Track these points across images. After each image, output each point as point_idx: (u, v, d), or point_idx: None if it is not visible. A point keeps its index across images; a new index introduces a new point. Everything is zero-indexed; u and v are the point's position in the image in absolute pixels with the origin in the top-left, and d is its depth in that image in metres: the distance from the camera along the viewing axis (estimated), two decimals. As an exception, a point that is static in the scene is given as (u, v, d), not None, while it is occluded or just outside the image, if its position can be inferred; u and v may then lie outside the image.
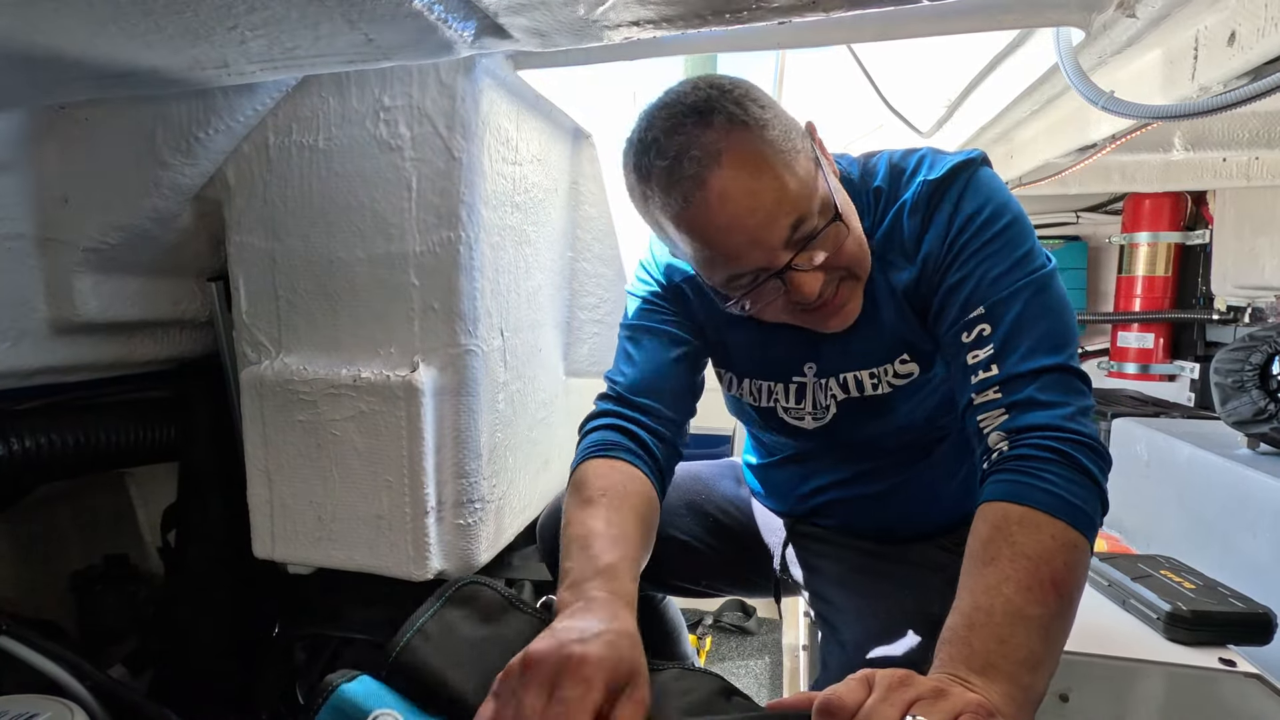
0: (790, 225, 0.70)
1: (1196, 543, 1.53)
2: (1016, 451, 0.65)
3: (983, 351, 0.70)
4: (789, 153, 0.70)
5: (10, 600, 1.31)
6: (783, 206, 0.69)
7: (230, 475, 1.21)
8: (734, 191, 0.68)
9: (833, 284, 0.76)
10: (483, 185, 1.01)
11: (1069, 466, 0.63)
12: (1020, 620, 0.56)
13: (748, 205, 0.68)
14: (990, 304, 0.72)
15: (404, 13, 0.68)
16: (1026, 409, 0.67)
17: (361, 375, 1.04)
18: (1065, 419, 0.66)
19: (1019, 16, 0.87)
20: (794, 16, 0.71)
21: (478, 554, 1.09)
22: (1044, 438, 0.65)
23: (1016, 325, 0.70)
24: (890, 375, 0.85)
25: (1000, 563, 0.59)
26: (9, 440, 1.07)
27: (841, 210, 0.73)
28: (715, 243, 0.71)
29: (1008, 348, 0.69)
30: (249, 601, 1.30)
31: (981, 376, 0.70)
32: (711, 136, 0.68)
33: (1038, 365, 0.68)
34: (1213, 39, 0.84)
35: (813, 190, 0.71)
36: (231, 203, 1.09)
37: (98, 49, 0.74)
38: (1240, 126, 1.43)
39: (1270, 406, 1.43)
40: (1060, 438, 0.64)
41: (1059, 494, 0.62)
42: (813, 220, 0.71)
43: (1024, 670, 0.55)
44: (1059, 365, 0.68)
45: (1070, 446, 0.64)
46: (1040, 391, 0.67)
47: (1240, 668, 1.00)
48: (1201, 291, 2.58)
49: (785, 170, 0.69)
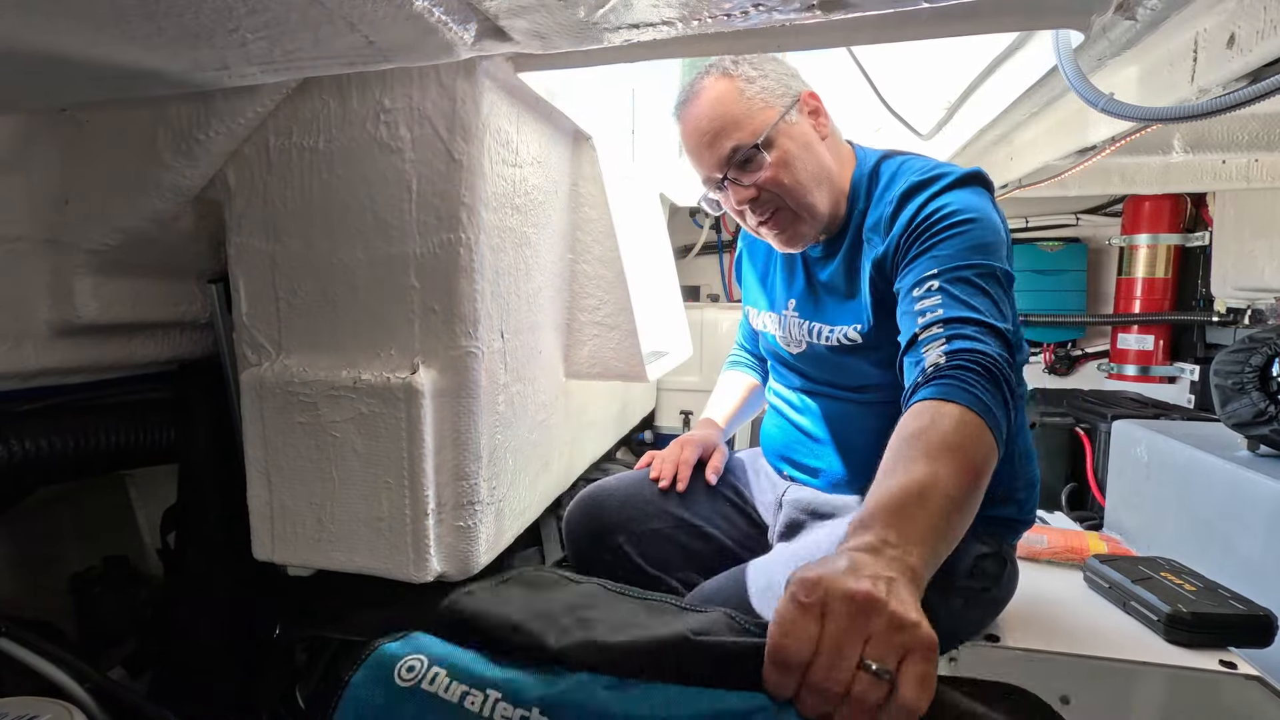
0: (731, 149, 0.99)
1: (1197, 545, 1.53)
2: (953, 364, 0.77)
3: (930, 300, 0.84)
4: (753, 99, 0.98)
5: (10, 602, 1.30)
6: (726, 133, 0.98)
7: (230, 477, 1.21)
8: (696, 116, 1.01)
9: (768, 208, 1.02)
10: (483, 187, 1.01)
11: (993, 385, 0.75)
12: (949, 500, 0.65)
13: (702, 127, 1.00)
14: (943, 271, 0.86)
15: (405, 15, 0.68)
16: (964, 340, 0.79)
17: (361, 377, 1.04)
18: (995, 351, 0.79)
19: (1018, 19, 0.87)
20: (793, 18, 0.71)
21: (477, 556, 1.09)
22: (976, 359, 0.77)
23: (965, 291, 0.84)
24: (841, 336, 1.05)
25: (932, 449, 0.69)
26: (9, 442, 1.07)
27: (784, 158, 0.98)
28: (688, 150, 1.04)
29: (954, 303, 0.83)
30: (249, 603, 1.30)
31: (928, 318, 0.83)
32: (705, 82, 1.01)
33: (978, 319, 0.81)
34: (1212, 41, 0.85)
35: (754, 130, 0.98)
36: (232, 204, 1.09)
37: (98, 51, 0.74)
38: (1240, 129, 1.43)
39: (1270, 408, 1.43)
40: (989, 361, 0.77)
41: (985, 402, 0.74)
42: (744, 149, 0.98)
43: (944, 543, 0.63)
44: (995, 326, 0.81)
45: (995, 370, 0.76)
46: (977, 333, 0.80)
47: (1241, 670, 1.00)
48: (1201, 293, 2.58)
49: (741, 111, 0.98)
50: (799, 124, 1.01)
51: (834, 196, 1.04)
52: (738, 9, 0.73)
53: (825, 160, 1.03)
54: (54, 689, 0.96)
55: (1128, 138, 1.32)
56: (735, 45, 0.92)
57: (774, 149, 0.99)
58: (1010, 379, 0.78)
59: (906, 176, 0.98)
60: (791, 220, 1.03)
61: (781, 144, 0.99)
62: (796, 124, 1.01)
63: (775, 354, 1.21)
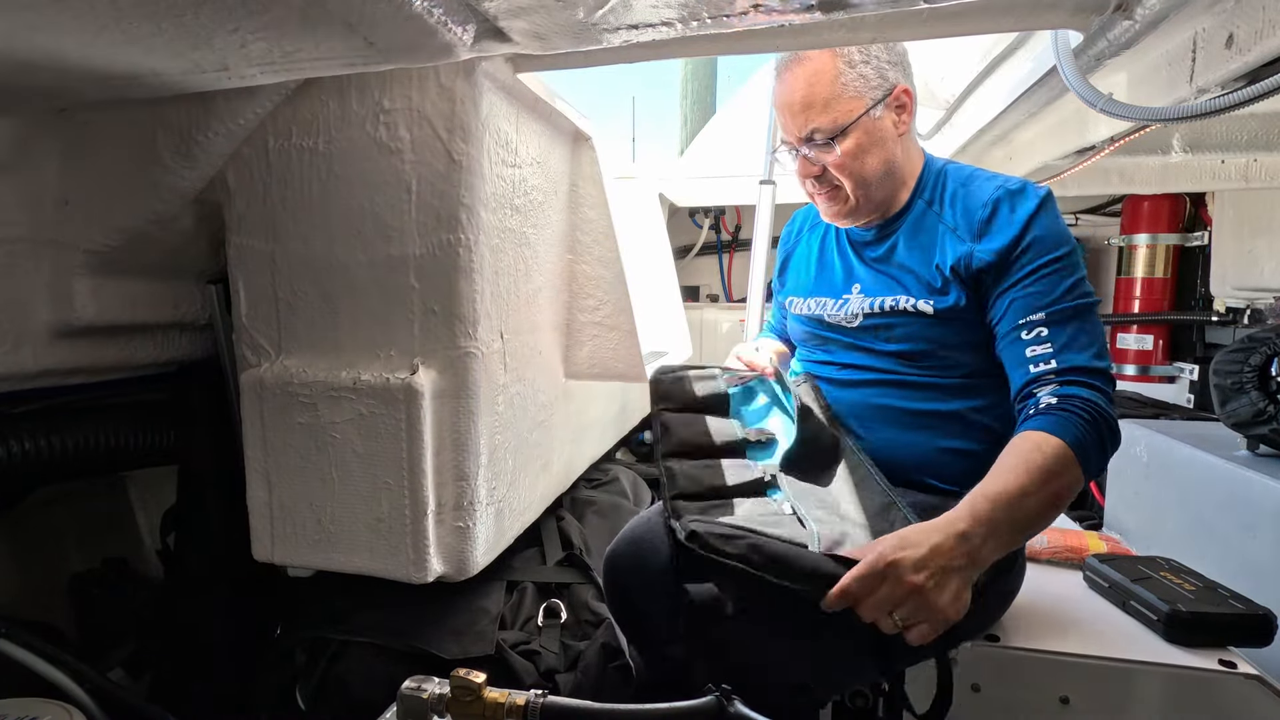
0: (810, 129, 1.04)
1: (1196, 544, 1.53)
2: (1062, 407, 0.88)
3: (1041, 348, 0.94)
4: (847, 85, 1.02)
5: (10, 602, 1.30)
6: (810, 113, 1.04)
7: (230, 478, 1.21)
8: (791, 83, 1.05)
9: (828, 184, 1.09)
10: (482, 188, 1.01)
11: (1093, 429, 0.87)
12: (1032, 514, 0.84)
13: (793, 99, 1.05)
14: (1050, 313, 0.94)
15: (404, 16, 0.68)
16: (1073, 386, 0.90)
17: (361, 378, 1.04)
18: (1100, 400, 0.89)
19: (1017, 19, 0.87)
20: (793, 18, 0.71)
21: (477, 556, 1.09)
22: (1084, 406, 0.88)
23: (1071, 333, 0.93)
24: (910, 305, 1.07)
25: (1032, 470, 0.84)
26: (9, 443, 1.06)
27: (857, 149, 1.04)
28: (776, 106, 1.10)
29: (1064, 352, 0.93)
30: (248, 604, 1.30)
31: (1041, 367, 0.93)
32: (815, 54, 1.03)
33: (1086, 366, 0.91)
34: (1211, 41, 0.84)
35: (835, 118, 1.03)
36: (231, 205, 1.09)
37: (98, 52, 0.74)
38: (1239, 129, 1.43)
39: (1269, 408, 1.43)
40: (1092, 409, 0.88)
41: (1084, 443, 0.86)
42: (822, 133, 1.04)
43: (1014, 544, 0.86)
44: (1099, 369, 0.92)
45: (1098, 416, 0.88)
46: (1086, 379, 0.91)
47: (1240, 669, 1.00)
48: (1200, 293, 2.59)
49: (831, 95, 1.02)
50: (881, 119, 1.04)
51: (896, 188, 1.10)
52: (737, 9, 0.73)
53: (895, 155, 1.08)
54: (53, 690, 0.95)
55: (1127, 138, 1.32)
56: (735, 46, 0.92)
57: (848, 140, 1.03)
58: (1111, 420, 0.89)
59: (989, 181, 1.04)
60: (843, 200, 1.10)
61: (857, 137, 1.04)
62: (879, 119, 1.04)
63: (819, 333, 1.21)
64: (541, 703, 0.69)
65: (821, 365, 1.21)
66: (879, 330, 1.11)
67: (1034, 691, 1.04)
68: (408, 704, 0.72)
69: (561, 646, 1.16)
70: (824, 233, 1.25)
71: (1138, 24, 0.79)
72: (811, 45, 0.95)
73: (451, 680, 0.70)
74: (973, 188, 1.05)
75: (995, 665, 1.06)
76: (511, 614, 1.20)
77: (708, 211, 3.03)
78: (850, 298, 1.14)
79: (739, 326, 2.64)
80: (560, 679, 1.10)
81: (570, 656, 1.15)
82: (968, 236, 1.02)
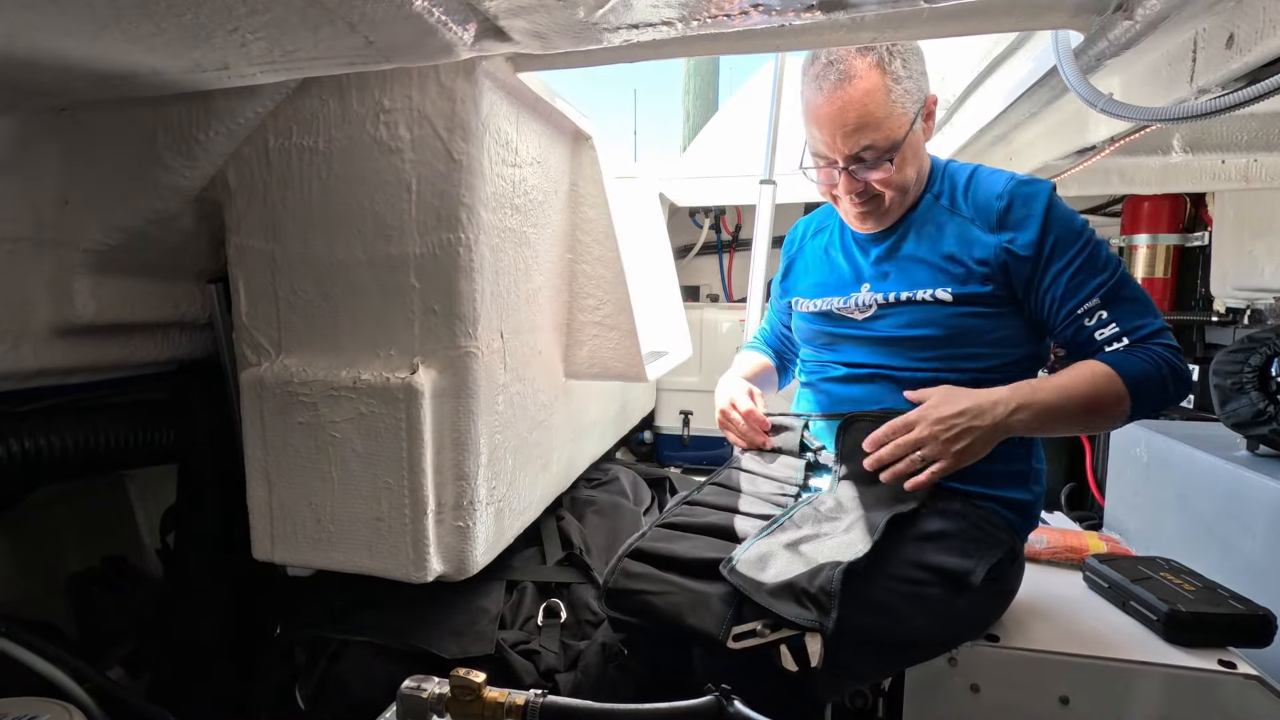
0: (864, 146, 1.04)
1: (1196, 545, 1.53)
2: (1128, 351, 0.99)
3: (1107, 329, 1.01)
4: (895, 103, 1.02)
5: (10, 602, 1.30)
6: (865, 132, 1.02)
7: (229, 477, 1.21)
8: (843, 102, 1.02)
9: (865, 197, 1.09)
10: (482, 187, 1.01)
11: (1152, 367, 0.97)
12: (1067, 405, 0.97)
13: (846, 119, 1.02)
14: (1104, 296, 1.01)
15: (404, 15, 0.68)
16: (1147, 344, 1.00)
17: (361, 377, 1.04)
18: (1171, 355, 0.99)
19: (1018, 19, 0.87)
20: (793, 18, 0.71)
21: (477, 556, 1.09)
22: (1150, 353, 0.98)
23: (1130, 305, 1.02)
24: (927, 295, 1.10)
25: (1079, 378, 0.98)
26: (9, 442, 1.06)
27: (901, 160, 1.05)
28: (817, 122, 1.05)
29: (1127, 323, 1.01)
30: (248, 603, 1.30)
31: (1115, 346, 1.00)
32: (859, 66, 1.01)
33: (1151, 328, 1.01)
34: (1211, 41, 0.84)
35: (889, 135, 1.03)
36: (232, 204, 1.09)
37: (99, 51, 0.74)
38: (1239, 129, 1.43)
39: (1269, 408, 1.43)
40: (1162, 358, 0.98)
41: (1134, 375, 0.97)
42: (875, 151, 1.04)
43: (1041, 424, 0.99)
44: (1161, 327, 1.01)
45: (1167, 364, 0.98)
46: (1159, 336, 1.00)
47: (1240, 669, 1.00)
48: (1200, 293, 2.58)
49: (885, 114, 1.02)
50: (918, 130, 1.07)
51: (920, 190, 1.14)
52: (737, 9, 0.73)
53: (925, 160, 1.13)
54: (54, 689, 0.95)
55: (1127, 138, 1.32)
56: (735, 46, 0.92)
57: (897, 155, 1.05)
58: (1179, 368, 0.98)
59: (997, 174, 1.09)
60: (878, 207, 1.12)
61: (904, 151, 1.06)
62: (917, 131, 1.07)
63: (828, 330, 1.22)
64: (541, 702, 0.69)
65: (829, 365, 1.21)
66: (890, 320, 1.12)
67: (1034, 691, 1.04)
68: (407, 703, 0.72)
69: (561, 646, 1.16)
70: (828, 237, 1.26)
71: (1138, 24, 0.79)
72: (812, 45, 0.95)
73: (451, 680, 0.70)
74: (982, 180, 1.09)
75: (995, 665, 1.06)
76: (511, 614, 1.20)
77: (708, 211, 3.03)
78: (859, 294, 1.16)
79: (739, 326, 2.64)
80: (560, 679, 1.10)
81: (570, 656, 1.15)
82: (986, 227, 1.06)
